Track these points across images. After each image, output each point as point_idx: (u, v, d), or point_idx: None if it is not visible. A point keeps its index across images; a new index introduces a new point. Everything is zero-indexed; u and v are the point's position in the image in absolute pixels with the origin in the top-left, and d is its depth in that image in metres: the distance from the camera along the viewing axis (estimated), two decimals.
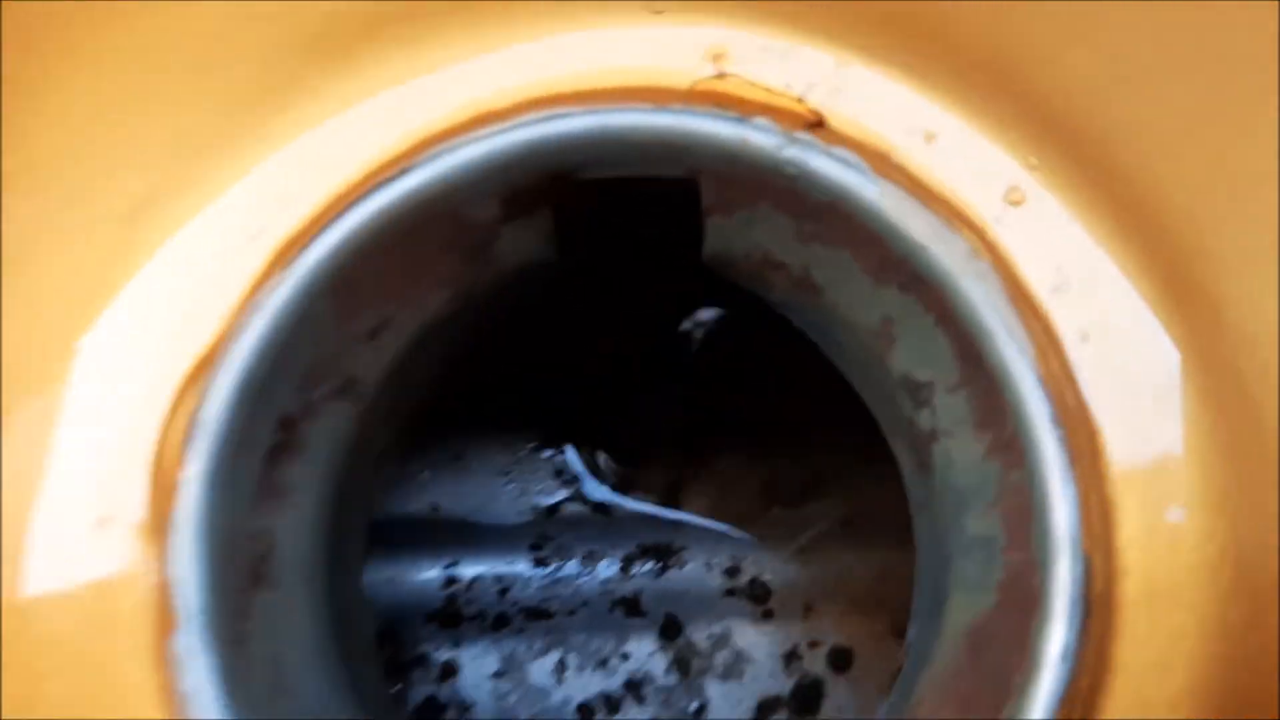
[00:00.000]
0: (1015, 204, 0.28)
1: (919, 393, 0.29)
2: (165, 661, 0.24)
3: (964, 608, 0.27)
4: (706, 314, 0.50)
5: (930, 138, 0.28)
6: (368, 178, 0.27)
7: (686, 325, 0.50)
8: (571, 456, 0.49)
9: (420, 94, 0.28)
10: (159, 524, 0.25)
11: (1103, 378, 0.27)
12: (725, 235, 0.29)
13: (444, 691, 0.46)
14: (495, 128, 0.27)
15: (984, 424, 0.27)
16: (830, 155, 0.27)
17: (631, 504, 0.48)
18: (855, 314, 0.29)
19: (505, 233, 0.28)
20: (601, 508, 0.48)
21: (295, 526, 0.27)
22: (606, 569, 0.47)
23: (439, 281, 0.29)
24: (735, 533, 0.47)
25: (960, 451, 0.28)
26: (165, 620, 0.24)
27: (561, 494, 0.48)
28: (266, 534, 0.26)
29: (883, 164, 0.27)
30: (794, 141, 0.27)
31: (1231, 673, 0.26)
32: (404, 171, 0.26)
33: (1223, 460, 0.27)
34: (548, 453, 0.49)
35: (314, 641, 0.27)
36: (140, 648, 0.25)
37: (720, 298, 0.49)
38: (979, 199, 0.28)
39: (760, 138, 0.27)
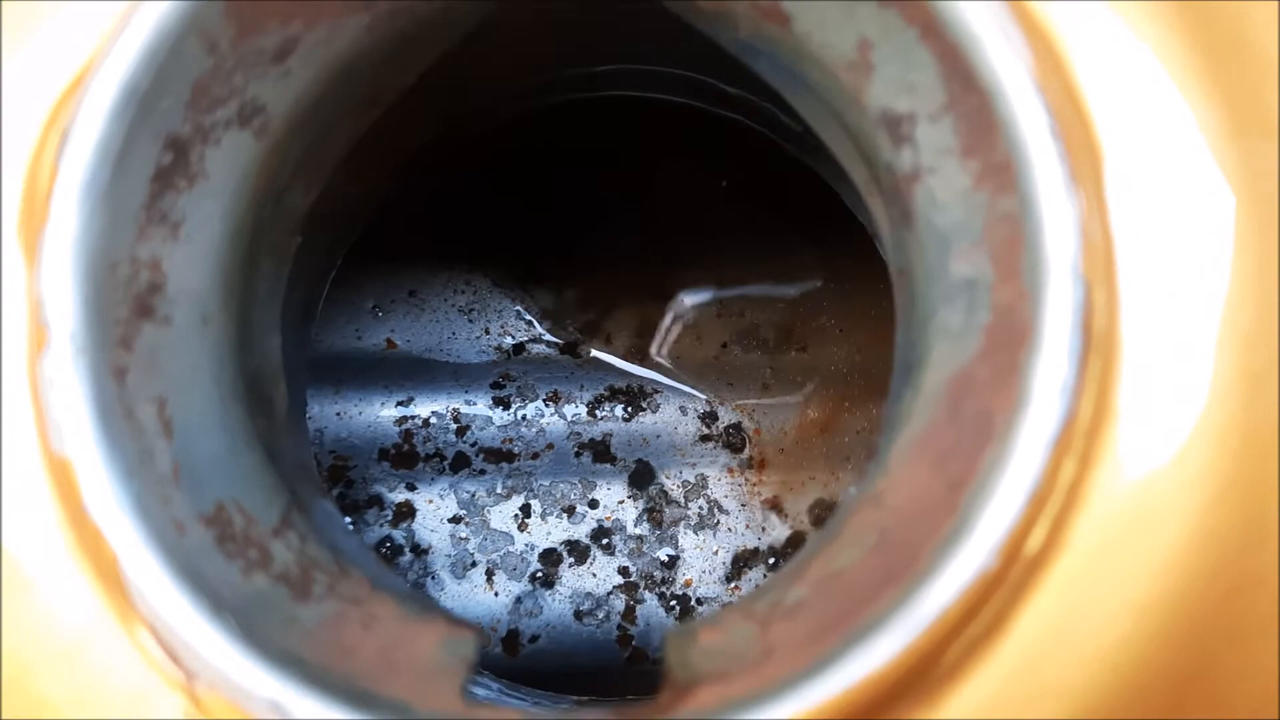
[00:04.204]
0: None
1: (899, 127, 0.25)
2: (38, 382, 0.21)
3: (944, 362, 0.24)
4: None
5: None
6: None
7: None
8: (534, 297, 0.46)
9: None
10: (31, 239, 0.22)
11: (1111, 94, 0.24)
12: None
13: (399, 534, 0.43)
14: None
15: (971, 150, 0.24)
16: None
17: (598, 351, 0.45)
18: (829, 41, 0.26)
19: None
20: (570, 348, 0.45)
21: (189, 262, 0.24)
22: (573, 411, 0.44)
23: (351, 3, 0.25)
24: (708, 380, 0.44)
25: (944, 187, 0.25)
26: (39, 339, 0.22)
27: (526, 334, 0.45)
28: (155, 264, 0.23)
29: None
30: None
31: (1237, 413, 0.23)
32: None
33: (1248, 187, 0.24)
34: (512, 291, 0.46)
35: (214, 391, 0.24)
36: (19, 366, 0.22)
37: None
38: None
39: None
